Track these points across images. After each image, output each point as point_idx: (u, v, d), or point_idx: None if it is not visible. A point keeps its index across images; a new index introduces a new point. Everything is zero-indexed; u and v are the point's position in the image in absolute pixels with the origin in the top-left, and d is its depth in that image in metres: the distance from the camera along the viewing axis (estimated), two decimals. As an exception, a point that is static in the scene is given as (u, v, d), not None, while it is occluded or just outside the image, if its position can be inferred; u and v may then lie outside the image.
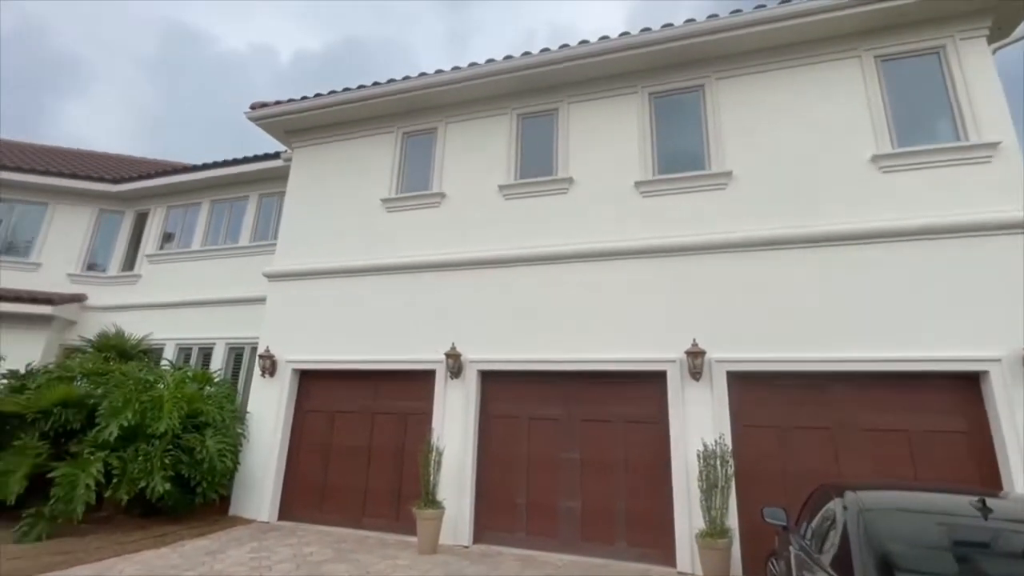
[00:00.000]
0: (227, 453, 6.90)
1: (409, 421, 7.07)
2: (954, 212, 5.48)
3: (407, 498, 6.58)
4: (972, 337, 5.13)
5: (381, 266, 7.69)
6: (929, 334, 5.26)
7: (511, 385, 6.80)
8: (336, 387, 7.62)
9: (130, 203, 11.88)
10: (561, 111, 7.55)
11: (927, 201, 5.63)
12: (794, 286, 5.83)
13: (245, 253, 10.20)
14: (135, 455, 6.27)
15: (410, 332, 7.27)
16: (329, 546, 6.04)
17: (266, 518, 7.10)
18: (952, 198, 5.56)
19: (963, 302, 5.25)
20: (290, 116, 8.58)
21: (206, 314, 9.94)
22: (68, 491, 5.82)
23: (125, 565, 5.15)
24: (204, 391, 7.55)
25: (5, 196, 11.63)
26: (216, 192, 11.06)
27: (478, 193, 7.61)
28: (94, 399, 6.67)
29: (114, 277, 11.38)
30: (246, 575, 4.95)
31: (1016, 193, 5.38)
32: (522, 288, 6.92)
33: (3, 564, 5.00)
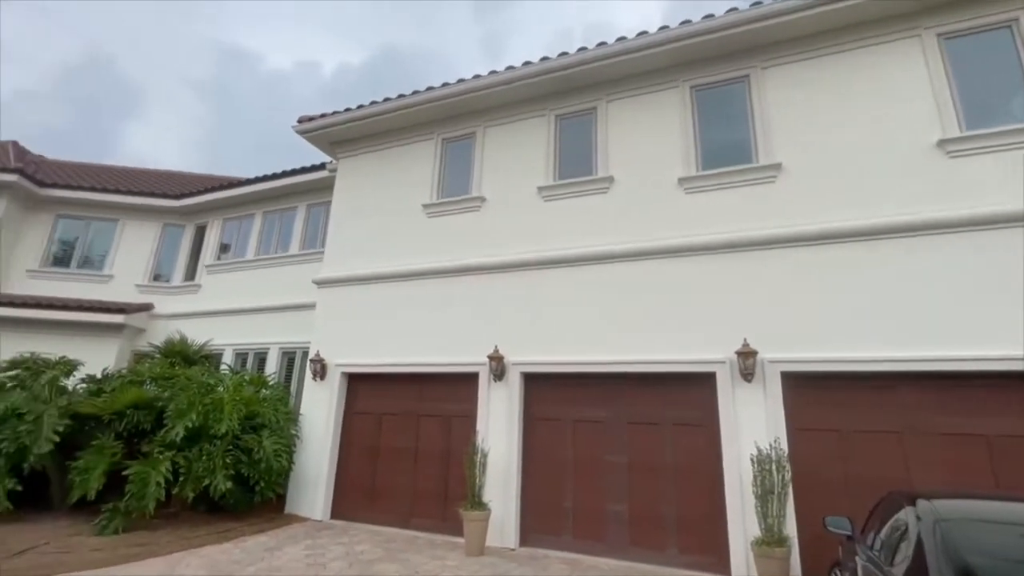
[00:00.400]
0: (282, 453, 7.20)
1: (454, 423, 7.15)
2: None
3: (453, 499, 6.65)
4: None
5: (424, 270, 7.83)
6: (1010, 330, 4.85)
7: (554, 387, 6.77)
8: (383, 390, 7.81)
9: (190, 217, 12.62)
10: (599, 110, 7.47)
11: (1001, 187, 5.21)
12: (852, 282, 5.53)
13: (295, 261, 10.63)
14: (199, 455, 6.64)
15: (453, 335, 7.36)
16: (379, 545, 6.19)
17: (319, 516, 7.35)
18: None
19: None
20: (335, 128, 8.88)
21: (260, 320, 10.41)
22: (141, 488, 6.22)
23: (192, 559, 5.45)
24: (260, 394, 7.91)
25: (81, 214, 12.60)
26: (267, 204, 11.60)
27: (517, 195, 7.63)
28: (162, 401, 7.11)
29: (177, 287, 12.11)
30: (302, 572, 5.13)
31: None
32: (564, 289, 6.88)
33: (86, 555, 5.40)
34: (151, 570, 5.04)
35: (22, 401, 6.76)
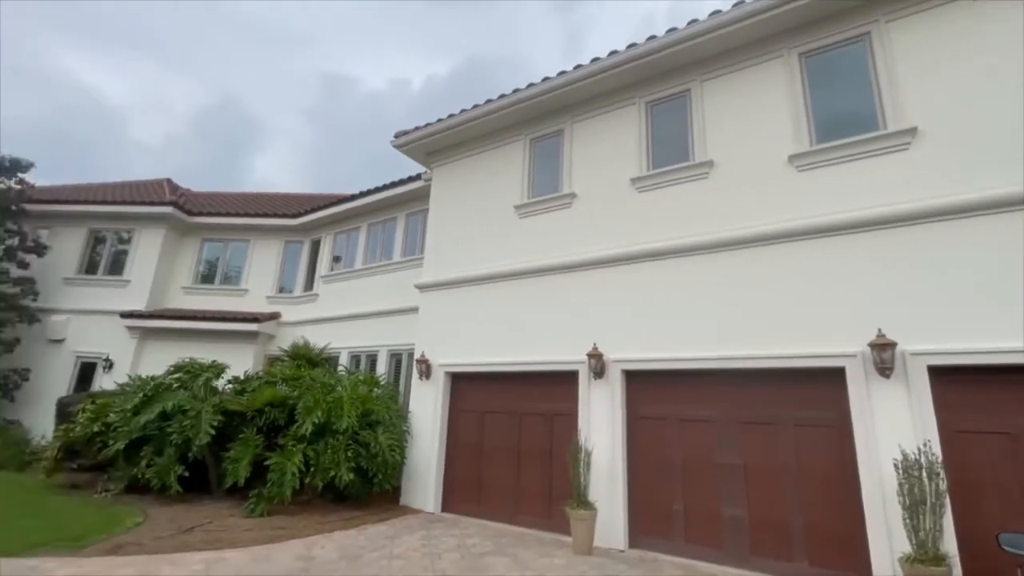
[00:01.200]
0: (395, 448, 7.69)
1: (555, 422, 7.16)
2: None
3: (558, 497, 6.65)
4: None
5: (518, 270, 7.93)
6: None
7: (658, 385, 6.51)
8: (485, 389, 8.03)
9: (306, 233, 13.94)
10: (693, 92, 7.06)
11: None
12: (1018, 258, 4.68)
13: (398, 268, 11.32)
14: (325, 448, 7.30)
15: (550, 334, 7.37)
16: (489, 539, 6.36)
17: (431, 509, 7.74)
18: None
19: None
20: (428, 139, 9.31)
21: (370, 324, 11.22)
22: (279, 477, 6.98)
23: (325, 542, 6.00)
24: (373, 393, 8.50)
25: (221, 237, 14.45)
26: (371, 216, 12.47)
27: (609, 189, 7.46)
28: (292, 400, 7.91)
29: (299, 296, 13.44)
30: (419, 560, 5.42)
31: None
32: (663, 283, 6.60)
33: (239, 534, 6.16)
34: (293, 550, 5.62)
35: (185, 399, 7.88)
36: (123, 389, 8.67)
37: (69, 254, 13.87)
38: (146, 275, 13.52)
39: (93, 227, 14.13)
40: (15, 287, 12.64)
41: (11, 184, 13.36)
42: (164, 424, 7.65)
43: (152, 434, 7.66)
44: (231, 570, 4.93)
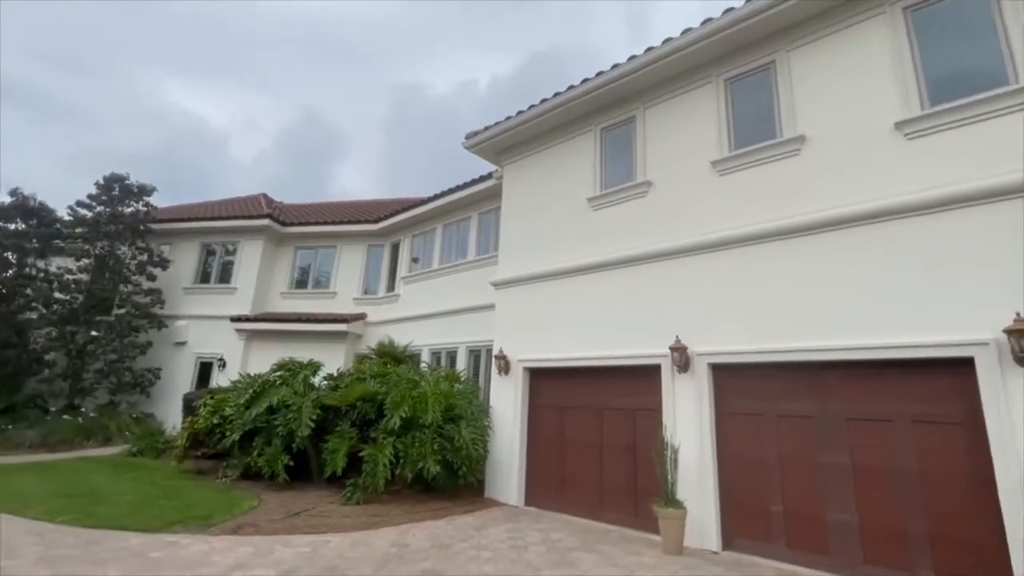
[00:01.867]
0: (478, 442, 7.88)
1: (638, 417, 6.98)
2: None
3: (643, 495, 6.49)
4: None
5: (593, 264, 7.80)
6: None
7: (748, 378, 6.14)
8: (564, 384, 8.00)
9: (387, 237, 14.65)
10: (779, 63, 6.56)
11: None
12: None
13: (473, 266, 11.58)
14: (412, 441, 7.63)
15: (629, 327, 7.19)
16: (574, 535, 6.33)
17: (515, 503, 7.84)
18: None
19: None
20: (498, 137, 9.40)
21: (448, 322, 11.58)
22: (372, 468, 7.40)
23: (417, 530, 6.28)
24: (454, 388, 8.76)
25: (311, 244, 15.57)
26: (445, 217, 12.85)
27: (687, 175, 7.13)
28: (381, 395, 8.34)
29: (382, 297, 14.16)
30: (507, 551, 5.51)
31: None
32: (750, 270, 6.20)
33: (339, 520, 6.61)
34: (388, 537, 5.94)
35: (287, 395, 8.58)
36: (235, 386, 9.60)
37: (186, 266, 15.60)
38: (249, 282, 14.89)
39: (204, 241, 15.79)
40: (146, 297, 14.44)
41: (139, 207, 15.27)
42: (271, 417, 8.38)
43: (261, 426, 8.42)
44: (334, 552, 5.30)
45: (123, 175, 15.31)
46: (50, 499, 6.91)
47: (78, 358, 13.49)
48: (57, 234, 14.72)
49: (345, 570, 4.79)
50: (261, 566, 4.82)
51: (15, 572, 4.41)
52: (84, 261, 14.26)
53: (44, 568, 4.52)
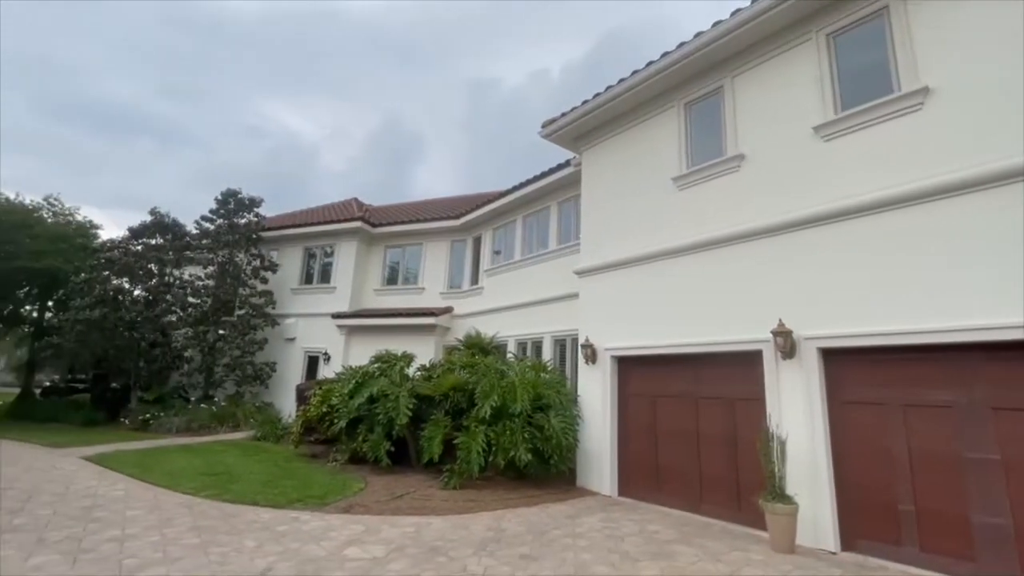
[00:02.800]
0: (568, 431, 7.87)
1: (738, 407, 6.58)
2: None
3: (746, 488, 6.13)
4: None
5: (682, 247, 7.44)
6: None
7: (866, 364, 5.55)
8: (654, 372, 7.75)
9: (469, 231, 15.01)
10: (893, 8, 5.78)
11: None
12: None
13: (555, 256, 11.53)
14: (503, 430, 7.79)
15: (725, 312, 6.78)
16: (671, 527, 6.13)
17: (607, 492, 7.75)
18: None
19: None
20: (575, 123, 9.24)
21: (532, 313, 11.64)
22: (466, 455, 7.66)
23: (511, 516, 6.42)
24: (540, 377, 8.80)
25: (399, 243, 16.37)
26: (525, 209, 12.90)
27: (785, 144, 6.55)
28: (471, 385, 8.60)
29: (466, 291, 14.56)
30: (603, 540, 5.46)
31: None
32: (865, 244, 5.57)
33: (438, 503, 6.92)
34: (484, 521, 6.13)
35: (386, 385, 9.12)
36: (339, 377, 10.37)
37: (292, 269, 17.08)
38: (346, 281, 15.99)
39: (306, 245, 17.18)
40: (260, 298, 16.02)
41: (251, 218, 16.93)
42: (372, 406, 8.95)
43: (364, 415, 9.03)
44: (436, 534, 5.56)
45: (236, 190, 17.06)
46: (196, 477, 7.92)
47: (210, 354, 15.31)
48: (187, 246, 16.72)
49: (447, 551, 5.01)
50: (372, 543, 5.18)
51: (173, 537, 5.12)
52: (210, 268, 16.12)
53: (194, 536, 5.20)
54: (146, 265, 16.08)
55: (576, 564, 4.74)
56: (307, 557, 4.69)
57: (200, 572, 4.25)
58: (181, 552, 4.71)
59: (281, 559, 4.62)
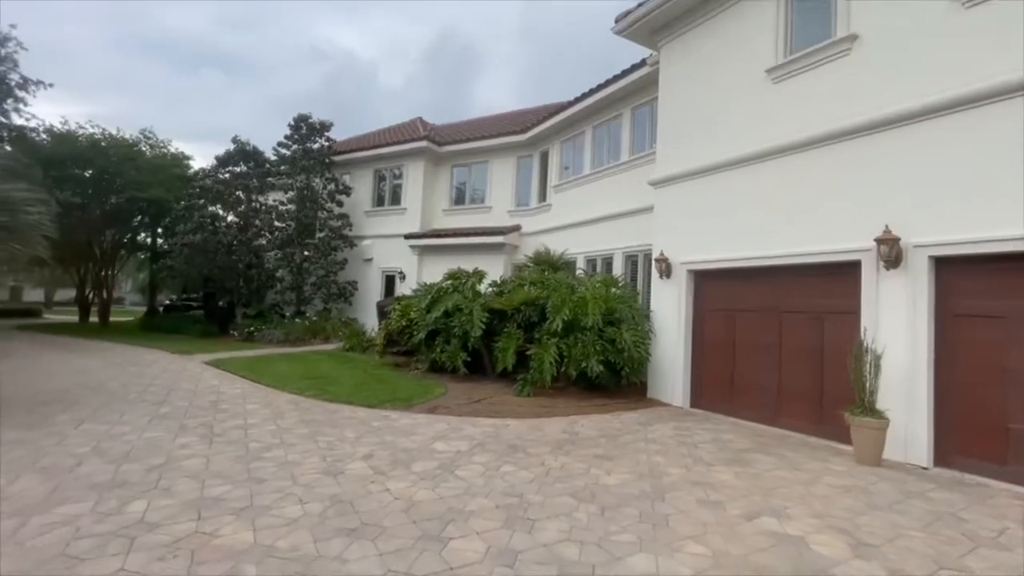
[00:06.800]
0: (640, 344, 7.88)
1: (826, 320, 6.20)
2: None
3: (831, 402, 5.92)
4: None
5: (773, 149, 6.75)
6: None
7: (988, 274, 4.94)
8: (733, 285, 7.41)
9: (535, 146, 14.51)
10: None
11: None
12: None
13: (627, 168, 10.94)
14: (575, 343, 7.93)
15: (817, 221, 6.21)
16: (747, 437, 6.13)
17: (679, 404, 7.82)
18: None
19: None
20: (653, 13, 8.26)
21: (602, 228, 11.34)
22: (539, 365, 7.94)
23: (584, 421, 6.69)
24: (611, 292, 8.73)
25: (465, 161, 16.20)
26: (594, 118, 12.15)
27: (912, 17, 5.51)
28: (542, 300, 8.71)
29: (534, 208, 14.36)
30: (676, 447, 5.59)
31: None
32: (1002, 139, 4.74)
33: (514, 408, 7.33)
34: (558, 425, 6.45)
35: (460, 300, 9.46)
36: (416, 293, 10.88)
37: (364, 192, 17.58)
38: (416, 202, 16.28)
39: (376, 168, 17.48)
40: (338, 221, 16.78)
41: (323, 143, 17.33)
42: (448, 320, 9.39)
43: (441, 328, 9.52)
44: (513, 433, 5.94)
45: (307, 114, 17.38)
46: (298, 380, 8.88)
47: (298, 274, 16.54)
48: (268, 172, 17.57)
49: (525, 448, 5.35)
50: (456, 438, 5.63)
51: (286, 427, 5.84)
52: (290, 194, 16.95)
53: (304, 428, 5.90)
54: (234, 192, 17.19)
55: (650, 465, 4.90)
56: (400, 448, 5.20)
57: (312, 455, 4.85)
58: (294, 439, 5.38)
59: (379, 448, 5.15)
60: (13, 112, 16.47)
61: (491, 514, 3.63)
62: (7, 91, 15.94)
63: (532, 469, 4.66)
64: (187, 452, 4.81)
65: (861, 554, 3.21)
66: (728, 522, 3.63)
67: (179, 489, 3.88)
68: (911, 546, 3.34)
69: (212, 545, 3.03)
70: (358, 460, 4.75)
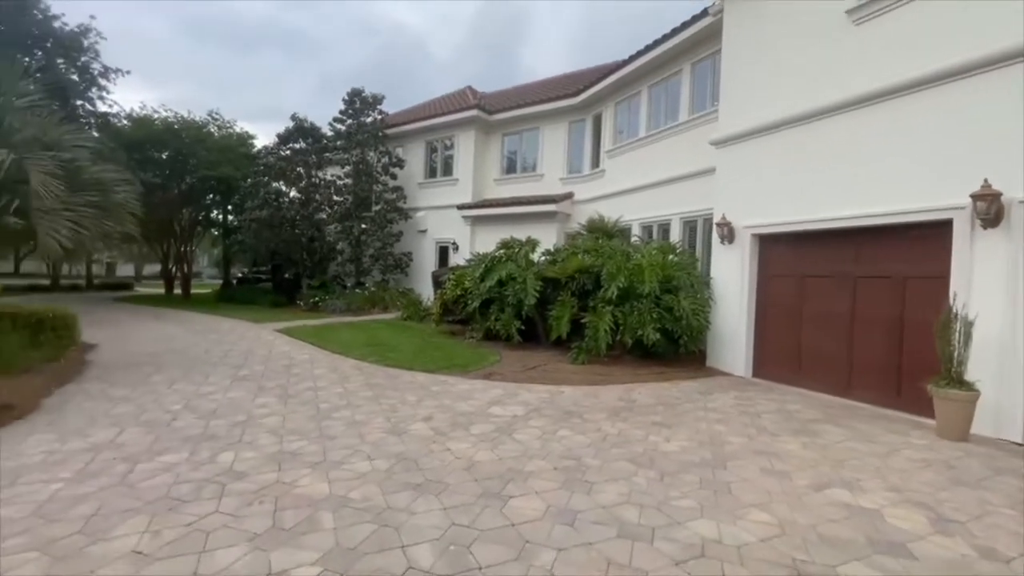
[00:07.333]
0: (699, 312, 7.65)
1: (909, 286, 5.74)
2: None
3: (910, 373, 5.53)
4: None
5: (852, 99, 6.17)
6: None
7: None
8: (803, 250, 6.98)
9: (587, 110, 14.05)
10: None
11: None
12: None
13: (686, 128, 10.41)
14: (631, 310, 7.80)
15: (903, 176, 5.68)
16: (814, 408, 5.87)
17: (740, 373, 7.57)
18: None
19: None
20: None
21: (659, 193, 10.92)
22: (594, 333, 7.89)
23: (640, 389, 6.63)
24: (669, 259, 8.46)
25: (515, 129, 15.96)
26: (651, 77, 11.56)
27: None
28: (596, 268, 8.58)
29: (587, 175, 14.02)
30: (738, 416, 5.43)
31: None
32: None
33: (568, 375, 7.35)
34: (614, 392, 6.42)
35: (513, 269, 9.50)
36: (469, 263, 11.01)
37: (416, 164, 17.78)
38: (467, 172, 16.30)
39: (427, 139, 17.59)
40: (392, 194, 17.14)
41: (376, 116, 17.59)
42: (501, 289, 9.47)
43: (495, 296, 9.62)
44: (569, 400, 5.98)
45: (360, 89, 17.63)
46: (360, 347, 9.31)
47: (357, 246, 17.15)
48: (325, 148, 18.10)
49: (581, 414, 5.38)
50: (512, 403, 5.74)
51: (352, 390, 6.17)
52: (346, 168, 17.43)
53: (367, 391, 6.20)
54: (295, 168, 17.87)
55: (710, 433, 4.81)
56: (458, 411, 5.37)
57: (377, 416, 5.11)
58: (360, 401, 5.68)
59: (438, 411, 5.35)
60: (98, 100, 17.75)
61: (549, 475, 3.70)
62: (91, 80, 17.16)
63: (589, 434, 4.69)
64: (265, 411, 5.20)
65: (943, 530, 3.03)
66: (795, 492, 3.52)
67: (261, 443, 4.21)
68: (1001, 523, 3.12)
69: (293, 494, 3.28)
70: (419, 421, 4.96)
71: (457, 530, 2.87)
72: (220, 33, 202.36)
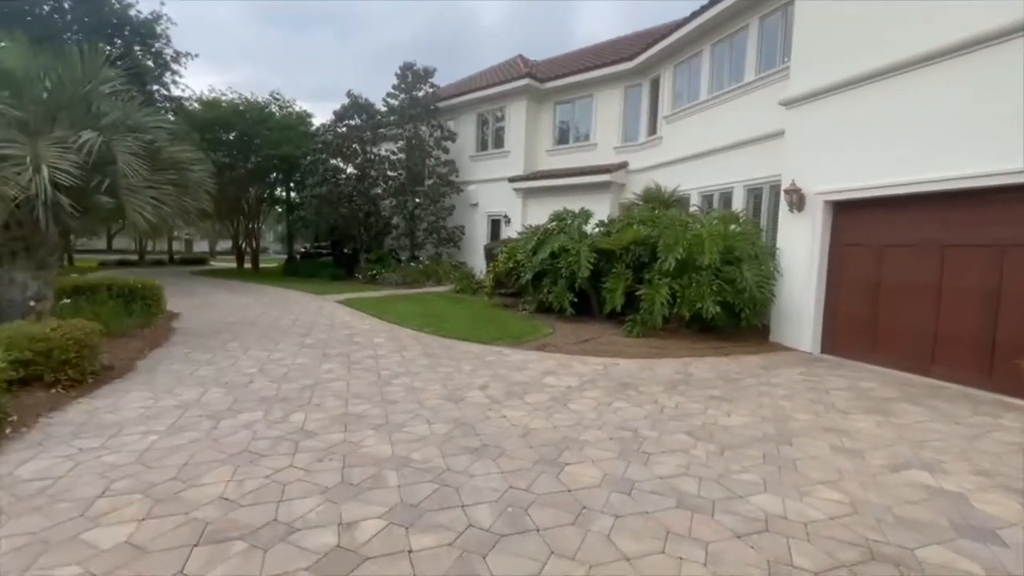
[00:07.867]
0: (763, 285, 7.29)
1: (1009, 255, 5.18)
2: None
3: (1005, 350, 5.05)
4: None
5: (944, 48, 5.52)
6: None
7: None
8: (883, 217, 6.43)
9: (644, 74, 13.42)
10: None
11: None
12: None
13: (751, 89, 9.74)
14: (689, 283, 7.54)
15: (999, 133, 5.05)
16: (891, 386, 5.50)
17: (807, 349, 7.18)
18: None
19: None
20: None
21: (721, 160, 10.36)
22: (650, 306, 7.70)
23: (698, 363, 6.45)
24: (730, 229, 8.06)
25: (568, 97, 15.53)
26: (713, 35, 10.84)
27: None
28: (652, 239, 8.32)
29: (643, 143, 13.50)
30: (805, 392, 5.18)
31: None
32: None
33: (623, 348, 7.26)
34: (671, 366, 6.28)
35: (566, 241, 9.38)
36: (521, 236, 10.98)
37: (468, 137, 17.75)
38: (518, 144, 16.10)
39: (478, 111, 17.46)
40: (444, 168, 17.25)
41: (427, 90, 17.62)
42: (554, 261, 9.39)
43: (547, 269, 9.57)
44: (624, 372, 5.91)
45: (412, 62, 17.66)
46: (417, 318, 9.58)
47: (411, 221, 17.50)
48: (379, 123, 18.39)
49: (636, 386, 5.31)
50: (565, 375, 5.75)
51: (409, 359, 6.38)
52: (400, 143, 17.66)
53: (425, 359, 6.40)
54: (351, 145, 18.31)
55: (774, 409, 4.62)
56: (513, 381, 5.44)
57: (434, 383, 5.27)
58: (417, 369, 5.87)
59: (493, 380, 5.44)
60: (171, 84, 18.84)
61: (605, 445, 3.69)
62: (164, 65, 18.18)
63: (645, 406, 4.63)
64: (331, 376, 5.48)
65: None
66: (868, 471, 3.34)
67: (328, 405, 4.46)
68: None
69: (359, 453, 3.46)
70: (475, 389, 5.07)
71: (515, 493, 2.94)
72: (281, 15, 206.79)
